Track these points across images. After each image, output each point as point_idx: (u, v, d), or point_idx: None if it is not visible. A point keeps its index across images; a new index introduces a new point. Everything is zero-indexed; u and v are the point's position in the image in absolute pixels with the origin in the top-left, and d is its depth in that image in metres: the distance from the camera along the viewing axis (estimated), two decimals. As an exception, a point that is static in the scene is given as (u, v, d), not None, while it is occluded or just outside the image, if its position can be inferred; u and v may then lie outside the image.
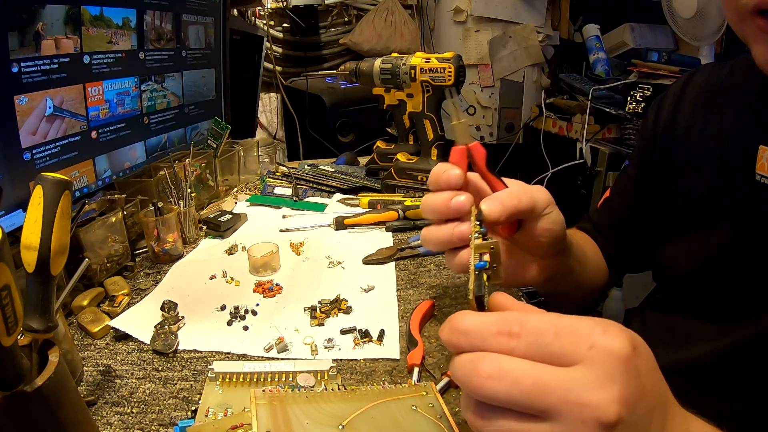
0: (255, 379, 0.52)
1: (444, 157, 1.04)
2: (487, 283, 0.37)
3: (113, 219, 0.75)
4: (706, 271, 0.58)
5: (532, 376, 0.28)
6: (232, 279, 0.75)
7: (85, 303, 0.67)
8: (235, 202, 1.06)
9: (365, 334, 0.62)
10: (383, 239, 0.89)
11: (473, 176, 0.49)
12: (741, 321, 0.54)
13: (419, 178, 1.04)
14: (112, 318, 0.65)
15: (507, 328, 0.30)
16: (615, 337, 0.29)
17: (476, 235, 0.41)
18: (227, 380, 0.52)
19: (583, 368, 0.28)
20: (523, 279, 0.56)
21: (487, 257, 0.38)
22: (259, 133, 2.14)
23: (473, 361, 0.30)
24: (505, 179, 0.49)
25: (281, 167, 1.20)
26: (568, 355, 0.29)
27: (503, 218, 0.44)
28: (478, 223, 0.44)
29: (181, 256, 0.83)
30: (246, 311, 0.67)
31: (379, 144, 1.18)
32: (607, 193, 0.77)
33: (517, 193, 0.46)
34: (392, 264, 0.80)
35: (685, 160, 0.62)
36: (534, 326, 0.30)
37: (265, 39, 1.75)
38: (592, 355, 0.28)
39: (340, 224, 0.92)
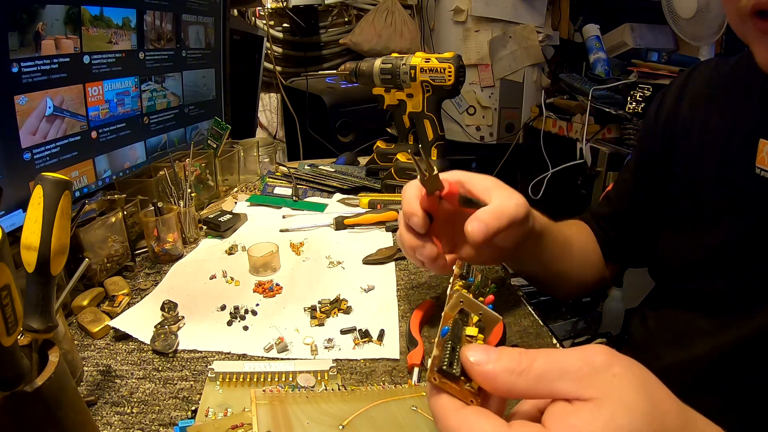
0: (255, 379, 0.52)
1: (444, 156, 1.04)
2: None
3: (113, 219, 0.75)
4: (706, 265, 0.58)
5: None
6: (232, 279, 0.75)
7: (85, 303, 0.67)
8: (235, 202, 1.06)
9: (365, 334, 0.62)
10: (383, 239, 0.89)
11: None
12: (741, 316, 0.54)
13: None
14: (112, 318, 0.65)
15: None
16: None
17: (455, 291, 0.37)
18: (227, 380, 0.52)
19: None
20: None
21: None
22: (259, 133, 2.14)
23: None
24: (479, 185, 0.53)
25: (281, 167, 1.20)
26: None
27: (488, 240, 0.48)
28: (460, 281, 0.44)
29: (181, 256, 0.83)
30: (246, 311, 0.67)
31: (379, 144, 1.18)
32: (609, 187, 0.78)
33: (498, 215, 0.49)
34: (392, 264, 0.80)
35: (686, 153, 0.62)
36: None
37: (265, 39, 1.76)
38: None
39: (340, 224, 0.92)
